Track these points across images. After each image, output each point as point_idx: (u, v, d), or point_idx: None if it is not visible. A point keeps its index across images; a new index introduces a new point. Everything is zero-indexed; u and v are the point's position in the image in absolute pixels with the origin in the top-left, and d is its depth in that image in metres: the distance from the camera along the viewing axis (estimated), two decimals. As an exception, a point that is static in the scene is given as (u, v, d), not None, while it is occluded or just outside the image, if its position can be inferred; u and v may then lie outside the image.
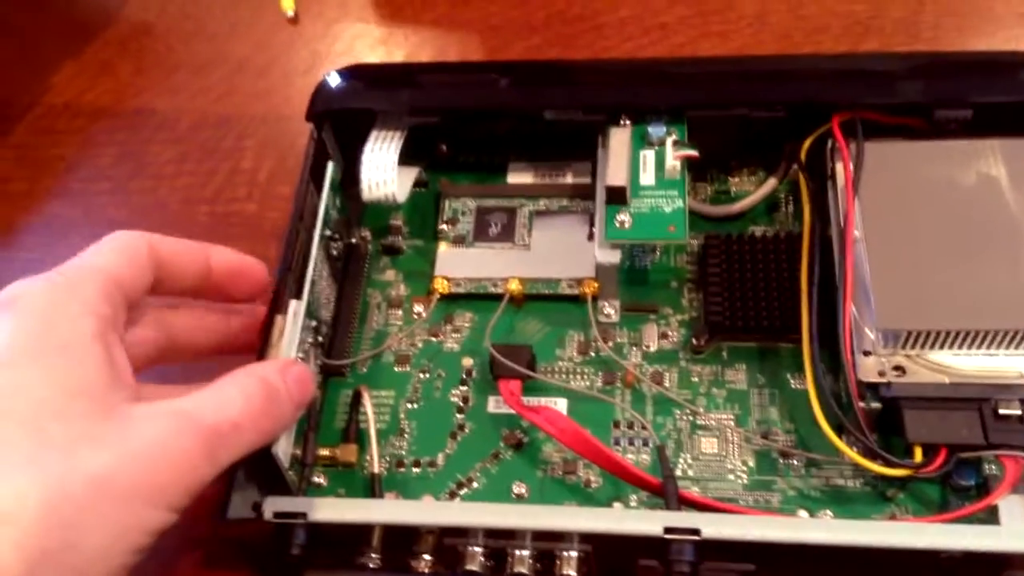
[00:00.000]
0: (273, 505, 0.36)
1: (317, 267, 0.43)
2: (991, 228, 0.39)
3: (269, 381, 0.35)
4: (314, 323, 0.42)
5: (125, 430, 0.31)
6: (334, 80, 0.48)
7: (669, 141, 0.45)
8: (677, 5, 0.57)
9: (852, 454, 0.38)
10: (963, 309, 0.37)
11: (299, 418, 0.38)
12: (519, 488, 0.41)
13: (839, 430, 0.39)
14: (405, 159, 0.46)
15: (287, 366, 0.36)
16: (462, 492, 0.41)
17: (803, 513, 0.39)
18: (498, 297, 0.46)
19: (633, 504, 0.40)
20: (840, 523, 0.37)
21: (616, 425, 0.42)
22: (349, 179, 0.47)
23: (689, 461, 0.41)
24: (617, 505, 0.40)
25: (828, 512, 0.39)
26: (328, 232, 0.45)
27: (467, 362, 0.45)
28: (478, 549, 0.37)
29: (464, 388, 0.44)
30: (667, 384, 0.43)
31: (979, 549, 0.33)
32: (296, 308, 0.40)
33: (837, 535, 0.34)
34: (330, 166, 0.45)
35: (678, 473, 0.41)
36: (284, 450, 0.38)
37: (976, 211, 0.40)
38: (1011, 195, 0.40)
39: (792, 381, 0.42)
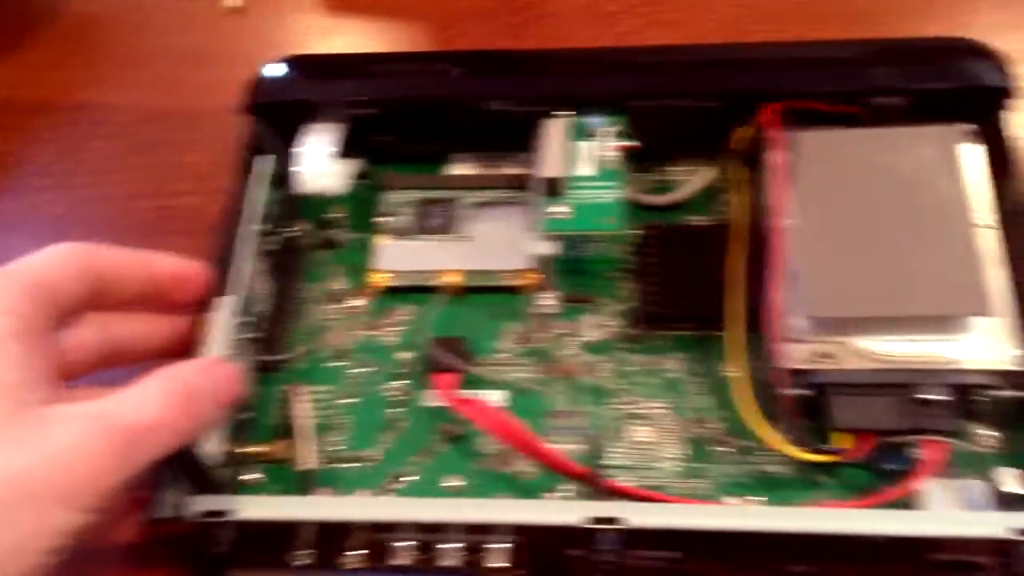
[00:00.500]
0: (198, 504, 0.36)
1: (249, 263, 0.43)
2: (919, 214, 0.40)
3: (188, 380, 0.35)
4: (248, 319, 0.42)
5: (38, 431, 0.31)
6: (272, 72, 0.48)
7: (608, 132, 0.45)
8: (625, -8, 0.57)
9: (778, 441, 0.38)
10: (889, 295, 0.38)
11: (228, 415, 0.38)
12: (455, 481, 0.41)
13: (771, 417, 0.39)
14: (345, 151, 0.47)
15: (210, 365, 0.36)
16: (397, 486, 0.41)
17: (732, 500, 0.39)
18: (436, 290, 0.46)
19: (567, 494, 0.40)
20: (759, 510, 0.37)
21: (552, 416, 0.43)
22: (289, 172, 0.47)
23: (624, 450, 0.41)
24: (550, 496, 0.40)
25: (758, 498, 0.39)
26: (263, 227, 0.44)
27: (404, 356, 0.45)
28: (407, 544, 0.37)
29: (401, 382, 0.44)
30: (604, 374, 0.43)
31: (896, 534, 0.33)
32: (227, 304, 0.40)
33: (754, 522, 0.34)
34: (264, 160, 0.45)
35: (613, 462, 0.41)
36: (213, 448, 0.39)
37: (905, 198, 0.40)
38: (939, 181, 0.40)
39: (726, 369, 0.43)
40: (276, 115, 0.47)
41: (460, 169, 0.50)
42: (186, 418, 0.34)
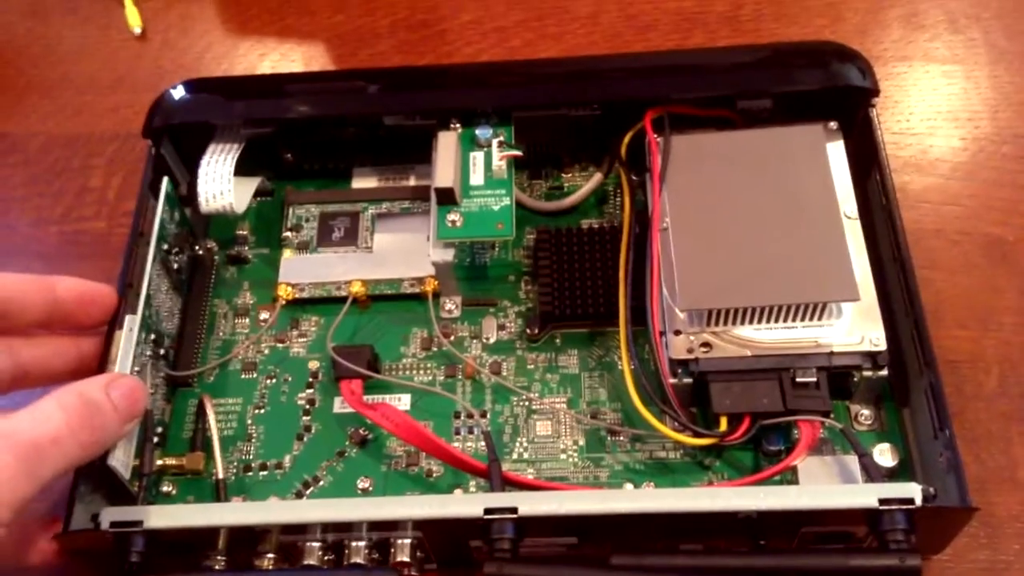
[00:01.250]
0: (109, 515, 0.37)
1: (154, 282, 0.44)
2: (789, 208, 0.42)
3: (89, 395, 0.36)
4: (153, 336, 0.44)
5: None
6: (171, 95, 0.49)
7: (495, 142, 0.47)
8: (515, 9, 0.59)
9: (663, 428, 0.40)
10: (759, 286, 0.40)
11: (134, 429, 0.40)
12: (364, 483, 0.43)
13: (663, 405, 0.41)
14: (245, 170, 0.48)
15: (112, 380, 0.37)
16: (309, 491, 0.43)
17: (628, 486, 0.41)
18: (342, 300, 0.47)
19: (472, 490, 0.42)
20: (645, 493, 0.40)
21: (456, 416, 0.44)
22: (194, 192, 0.48)
23: (525, 444, 0.43)
24: (456, 492, 0.42)
25: (651, 483, 0.42)
26: (166, 246, 0.46)
27: (313, 365, 0.46)
28: (316, 544, 0.38)
29: (310, 391, 0.46)
30: (505, 373, 0.45)
31: (774, 508, 0.36)
32: (131, 323, 0.42)
33: (641, 504, 0.36)
34: (165, 181, 0.46)
35: (514, 457, 0.43)
36: (123, 461, 0.40)
37: (775, 194, 0.43)
38: (807, 177, 0.43)
39: (619, 363, 0.45)
40: (177, 138, 0.49)
41: (362, 183, 0.51)
42: (87, 431, 0.35)
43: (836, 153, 0.45)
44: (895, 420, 0.42)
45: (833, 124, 0.46)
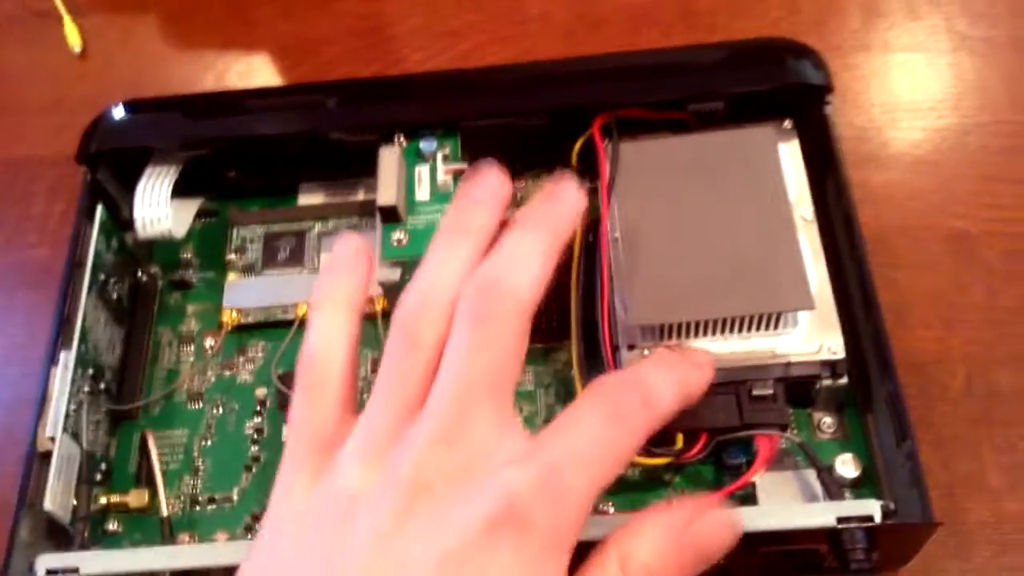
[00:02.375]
0: (44, 562, 0.36)
1: (91, 314, 0.42)
2: (742, 214, 0.41)
3: None
4: (91, 371, 0.42)
5: None
6: (108, 118, 0.47)
7: (440, 156, 0.45)
8: (465, 11, 0.58)
9: (617, 449, 0.39)
10: (710, 298, 0.39)
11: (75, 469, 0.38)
12: (315, 513, 0.41)
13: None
14: (186, 190, 0.46)
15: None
16: (258, 524, 0.42)
17: (585, 508, 0.40)
18: (289, 323, 0.46)
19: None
20: (596, 519, 0.38)
21: (410, 439, 0.43)
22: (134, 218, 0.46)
23: (480, 468, 0.42)
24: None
25: (610, 502, 0.40)
26: (103, 275, 0.44)
27: (261, 392, 0.45)
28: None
29: (258, 419, 0.44)
30: (459, 393, 0.44)
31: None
32: (66, 360, 0.40)
33: (591, 532, 0.35)
34: (99, 209, 0.45)
35: (470, 481, 0.42)
36: (62, 503, 0.38)
37: (728, 199, 0.41)
38: (760, 179, 0.41)
39: (574, 378, 0.44)
40: (114, 161, 0.47)
41: (309, 199, 0.50)
42: None
43: (791, 153, 0.44)
44: (858, 428, 0.41)
45: (787, 123, 0.44)
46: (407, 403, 0.30)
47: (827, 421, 0.41)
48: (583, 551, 0.29)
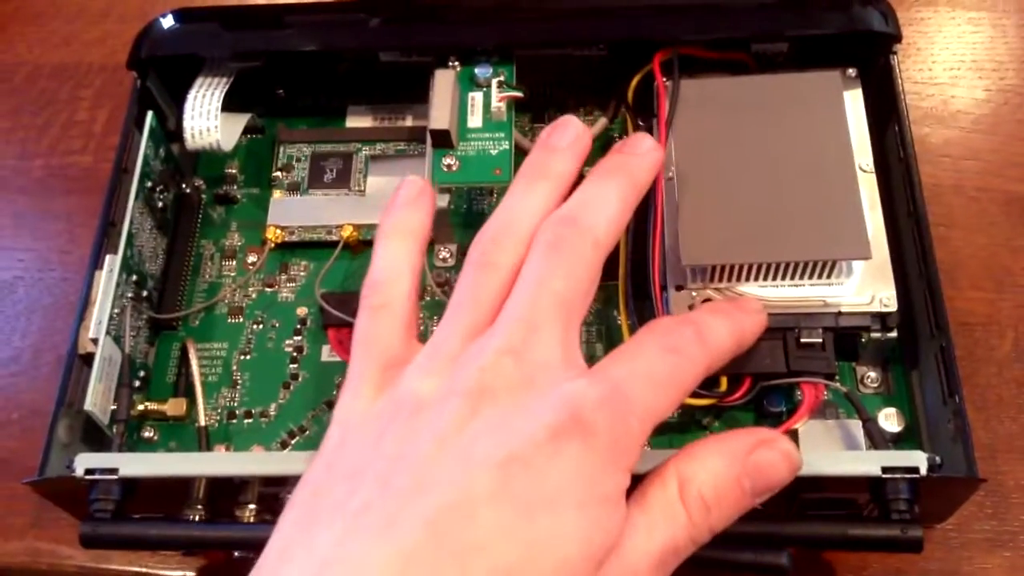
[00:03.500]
0: (83, 462, 0.36)
1: (137, 220, 0.42)
2: (802, 160, 0.40)
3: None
4: (135, 278, 0.42)
5: None
6: (159, 26, 0.46)
7: (495, 82, 0.44)
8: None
9: (660, 387, 0.39)
10: (765, 242, 0.38)
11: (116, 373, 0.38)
12: (351, 433, 0.41)
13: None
14: (234, 105, 0.46)
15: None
16: (294, 441, 0.42)
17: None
18: (333, 244, 0.45)
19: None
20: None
21: (448, 367, 0.43)
22: (180, 128, 0.46)
23: (518, 400, 0.42)
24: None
25: (647, 444, 0.40)
26: (150, 183, 0.44)
27: (301, 311, 0.45)
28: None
29: (298, 338, 0.44)
30: (500, 325, 0.44)
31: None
32: (111, 264, 0.40)
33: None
34: (149, 115, 0.44)
35: (507, 412, 0.41)
36: (101, 406, 0.38)
37: (788, 144, 0.40)
38: (822, 127, 0.41)
39: (617, 317, 0.43)
40: (164, 70, 0.47)
41: (356, 122, 0.49)
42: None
43: (854, 102, 0.43)
44: (903, 383, 0.41)
45: (852, 71, 0.43)
46: (477, 321, 0.31)
47: (871, 375, 0.41)
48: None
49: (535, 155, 0.35)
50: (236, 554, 0.39)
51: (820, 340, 0.38)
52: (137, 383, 0.42)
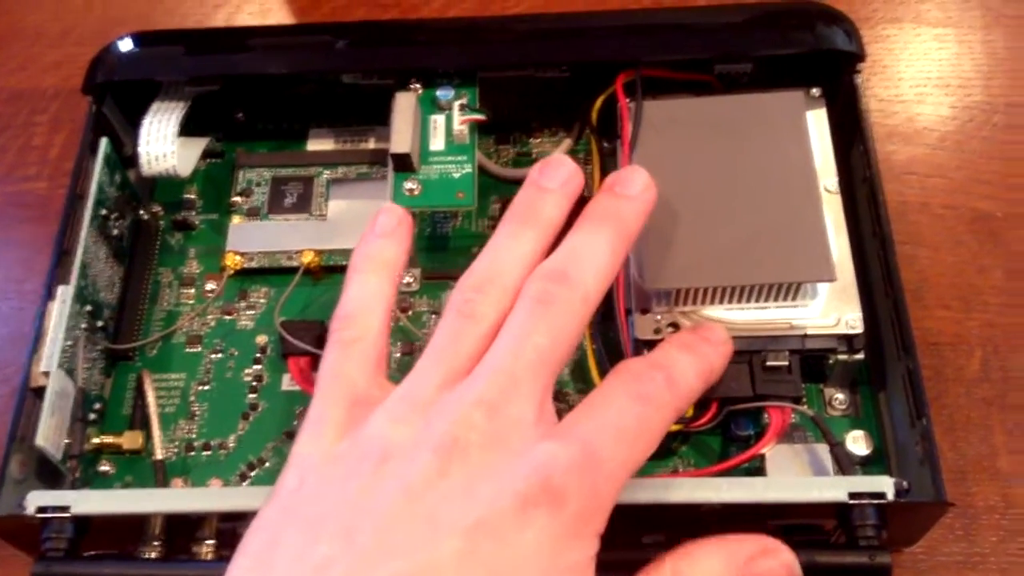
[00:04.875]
0: (35, 500, 0.35)
1: (91, 249, 0.41)
2: (765, 181, 0.39)
3: None
4: (89, 308, 0.41)
5: None
6: (115, 49, 0.46)
7: (456, 105, 0.44)
8: (487, -41, 0.56)
9: (625, 414, 0.38)
10: (729, 265, 0.37)
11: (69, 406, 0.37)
12: (312, 464, 0.41)
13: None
14: (193, 129, 0.45)
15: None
16: (254, 473, 0.41)
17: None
18: (294, 270, 0.45)
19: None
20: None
21: (412, 395, 0.42)
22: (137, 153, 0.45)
23: (483, 427, 0.41)
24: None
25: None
26: (105, 211, 0.43)
27: (261, 339, 0.44)
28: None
29: (258, 367, 0.43)
30: (464, 350, 0.43)
31: (740, 501, 0.34)
32: (64, 294, 0.39)
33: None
34: (103, 142, 0.43)
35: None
36: (54, 441, 0.37)
37: (751, 165, 0.40)
38: (785, 147, 0.40)
39: (584, 342, 0.43)
40: (121, 94, 0.46)
41: (318, 145, 0.49)
42: None
43: (818, 121, 0.42)
44: (871, 405, 0.40)
45: (816, 90, 0.43)
46: (454, 370, 0.30)
47: (839, 397, 0.40)
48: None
49: (525, 194, 0.34)
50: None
51: (787, 363, 0.38)
52: (93, 416, 0.41)
